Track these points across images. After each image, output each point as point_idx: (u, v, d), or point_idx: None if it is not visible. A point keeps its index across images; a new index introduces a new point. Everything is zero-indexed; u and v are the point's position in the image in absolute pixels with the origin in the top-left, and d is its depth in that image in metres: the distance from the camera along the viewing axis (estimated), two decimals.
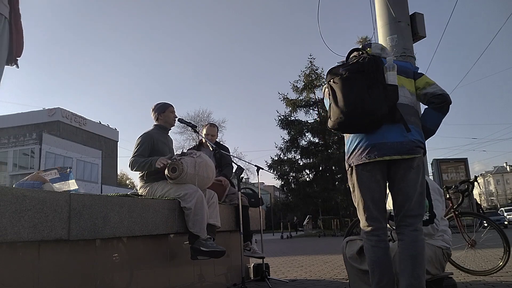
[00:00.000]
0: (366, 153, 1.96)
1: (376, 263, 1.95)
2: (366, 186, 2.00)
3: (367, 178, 2.00)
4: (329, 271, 4.72)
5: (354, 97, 1.93)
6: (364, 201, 2.02)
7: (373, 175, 1.99)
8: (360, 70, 1.97)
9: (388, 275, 1.93)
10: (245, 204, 3.79)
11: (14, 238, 1.64)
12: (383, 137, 1.96)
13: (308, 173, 27.62)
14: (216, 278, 3.55)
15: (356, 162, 2.01)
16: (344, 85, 1.96)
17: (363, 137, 2.00)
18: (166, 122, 3.34)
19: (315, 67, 27.55)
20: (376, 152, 1.95)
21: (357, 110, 1.92)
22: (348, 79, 1.97)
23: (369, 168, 1.99)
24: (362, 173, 2.00)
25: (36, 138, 29.96)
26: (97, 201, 2.11)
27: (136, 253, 2.56)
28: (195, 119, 33.52)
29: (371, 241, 2.00)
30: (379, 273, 1.93)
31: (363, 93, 1.92)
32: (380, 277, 1.92)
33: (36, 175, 2.60)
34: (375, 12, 4.35)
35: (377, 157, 1.95)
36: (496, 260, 3.85)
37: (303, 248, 10.50)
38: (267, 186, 50.00)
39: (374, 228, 2.00)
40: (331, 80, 2.03)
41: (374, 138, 1.97)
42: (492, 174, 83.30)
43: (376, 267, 1.95)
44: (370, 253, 1.99)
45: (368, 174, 1.99)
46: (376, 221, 2.01)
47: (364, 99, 1.91)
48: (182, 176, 2.87)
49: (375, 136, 1.97)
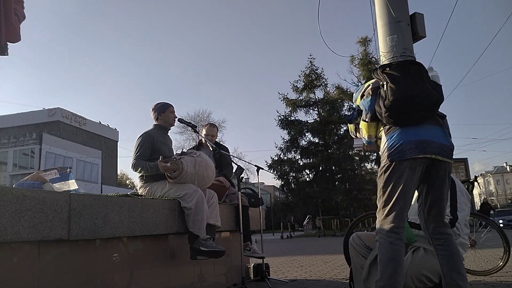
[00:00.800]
0: (415, 148, 1.95)
1: (391, 261, 1.91)
2: (404, 183, 1.96)
3: (407, 175, 1.96)
4: (329, 271, 4.72)
5: (412, 81, 1.98)
6: (397, 198, 1.97)
7: (414, 173, 1.97)
8: (414, 62, 2.09)
9: (401, 273, 1.91)
10: (245, 204, 3.79)
11: (14, 238, 1.64)
12: (431, 135, 1.98)
13: (308, 173, 27.65)
14: (216, 278, 3.55)
15: (400, 157, 1.97)
16: (403, 70, 2.03)
17: (410, 132, 1.99)
18: (166, 122, 3.33)
19: (315, 67, 27.59)
20: (425, 148, 1.94)
21: (415, 91, 1.96)
22: (406, 66, 2.06)
23: (412, 165, 1.96)
24: (404, 169, 1.96)
25: (36, 138, 29.96)
26: (97, 201, 2.11)
27: (136, 253, 2.56)
28: (195, 119, 33.56)
29: (390, 237, 1.96)
30: (392, 270, 1.90)
31: (420, 78, 2.01)
32: (392, 273, 1.89)
33: (36, 175, 2.60)
34: (375, 12, 4.35)
35: (426, 154, 1.94)
36: (496, 260, 3.85)
37: (303, 248, 10.50)
38: (267, 186, 50.01)
39: (397, 226, 1.97)
40: (387, 68, 2.07)
41: (422, 134, 1.98)
42: (492, 174, 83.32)
43: (390, 264, 1.91)
44: (386, 249, 1.95)
45: (409, 172, 1.96)
46: (401, 220, 1.98)
47: (422, 84, 1.99)
48: (182, 176, 2.87)
49: (423, 132, 1.98)
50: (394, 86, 1.98)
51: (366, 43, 25.71)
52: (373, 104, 2.09)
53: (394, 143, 2.01)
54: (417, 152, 1.94)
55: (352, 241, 2.53)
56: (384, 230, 1.99)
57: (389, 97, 1.98)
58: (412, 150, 1.95)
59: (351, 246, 2.53)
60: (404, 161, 1.96)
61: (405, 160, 1.96)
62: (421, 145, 1.95)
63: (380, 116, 2.06)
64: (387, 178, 2.00)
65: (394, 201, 1.97)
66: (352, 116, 2.50)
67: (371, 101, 2.10)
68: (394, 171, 1.98)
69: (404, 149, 1.96)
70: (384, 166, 2.03)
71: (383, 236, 1.99)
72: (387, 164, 2.02)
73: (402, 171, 1.96)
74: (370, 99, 2.11)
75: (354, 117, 2.48)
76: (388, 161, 2.01)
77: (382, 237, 2.00)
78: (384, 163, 2.04)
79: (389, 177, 2.00)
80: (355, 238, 2.52)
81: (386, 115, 2.00)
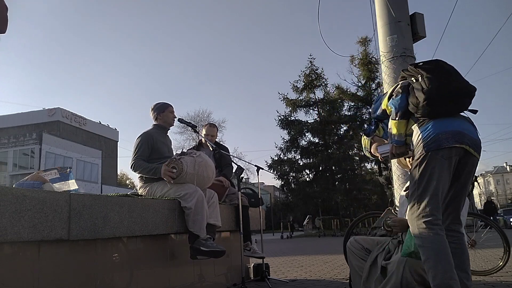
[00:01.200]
0: (452, 137, 1.93)
1: (441, 253, 1.85)
2: (441, 174, 1.94)
3: (444, 165, 1.94)
4: (329, 271, 4.73)
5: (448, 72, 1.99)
6: (435, 188, 1.93)
7: (450, 164, 1.95)
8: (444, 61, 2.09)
9: (452, 263, 1.86)
10: (245, 204, 3.79)
11: (14, 238, 1.64)
12: (464, 128, 1.99)
13: (308, 173, 27.67)
14: (216, 278, 3.55)
15: (437, 147, 1.94)
16: (437, 64, 2.04)
17: (445, 123, 1.98)
18: (165, 122, 3.33)
19: (315, 67, 27.62)
20: (461, 138, 1.94)
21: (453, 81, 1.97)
22: (439, 61, 2.06)
23: (449, 155, 1.94)
24: (441, 160, 1.94)
25: (36, 138, 29.97)
26: (97, 201, 2.11)
27: (136, 253, 2.56)
28: (195, 119, 33.54)
29: (434, 229, 1.89)
30: (446, 263, 1.83)
31: (455, 71, 2.03)
32: (447, 267, 1.82)
33: (36, 175, 2.60)
34: (375, 12, 4.35)
35: (462, 143, 1.93)
36: (496, 260, 3.85)
37: (303, 248, 10.50)
38: (267, 186, 50.01)
39: (438, 217, 1.92)
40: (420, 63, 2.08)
41: (457, 125, 1.98)
42: (492, 174, 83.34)
43: (441, 256, 1.84)
44: (433, 242, 1.87)
45: (446, 162, 1.94)
46: (439, 212, 1.94)
47: (458, 75, 2.01)
48: (181, 176, 2.87)
49: (457, 124, 1.98)
50: (432, 76, 1.98)
51: (366, 43, 25.74)
52: (404, 101, 2.07)
53: (430, 133, 1.97)
54: (454, 141, 1.92)
55: (350, 245, 2.53)
56: (427, 223, 1.90)
57: (427, 85, 1.96)
58: (448, 139, 1.92)
59: (349, 250, 2.52)
60: (440, 151, 1.93)
61: (441, 150, 1.93)
62: (457, 135, 1.94)
63: (415, 108, 2.01)
64: (424, 169, 1.96)
65: (433, 192, 1.92)
66: (370, 129, 2.48)
67: (401, 98, 2.08)
68: (430, 161, 1.94)
69: (441, 138, 1.93)
70: (420, 158, 1.98)
71: (425, 230, 1.90)
72: (422, 154, 1.97)
73: (439, 161, 1.93)
74: (401, 97, 2.09)
75: (372, 131, 2.47)
76: (424, 151, 1.96)
77: (425, 231, 1.90)
78: (419, 154, 1.99)
79: (426, 168, 1.95)
80: (353, 242, 2.52)
81: (425, 103, 1.96)
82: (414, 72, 2.08)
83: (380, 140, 2.49)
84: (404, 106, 2.07)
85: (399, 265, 2.14)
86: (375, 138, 2.50)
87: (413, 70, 2.09)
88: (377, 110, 2.34)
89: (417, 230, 1.93)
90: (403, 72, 2.19)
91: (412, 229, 1.98)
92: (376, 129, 2.47)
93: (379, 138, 2.49)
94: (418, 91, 2.00)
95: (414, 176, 2.00)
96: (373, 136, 2.50)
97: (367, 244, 2.47)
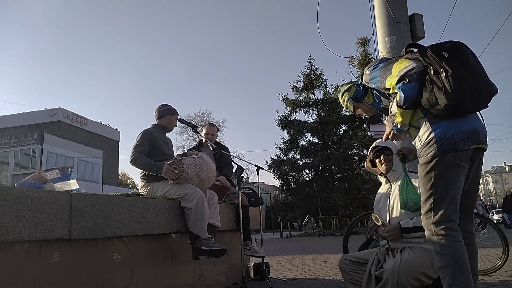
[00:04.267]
0: (468, 138, 1.81)
1: (461, 260, 1.76)
2: (457, 177, 1.83)
3: (460, 168, 1.83)
4: (328, 270, 4.74)
5: (474, 71, 1.79)
6: (453, 194, 1.82)
7: (465, 165, 1.84)
8: (465, 45, 1.86)
9: (470, 271, 1.77)
10: (245, 203, 3.81)
11: (16, 237, 1.65)
12: (478, 124, 1.87)
13: (308, 173, 27.66)
14: (216, 277, 3.56)
15: (453, 149, 1.81)
16: (461, 56, 1.80)
17: (461, 121, 1.83)
18: (169, 124, 3.41)
19: (314, 67, 27.58)
20: (476, 138, 1.83)
21: (480, 82, 1.80)
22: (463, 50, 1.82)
23: (465, 157, 1.83)
24: (458, 162, 1.82)
25: (38, 138, 29.98)
26: (98, 201, 2.12)
27: (137, 252, 2.57)
28: (196, 119, 33.54)
29: (454, 236, 1.79)
30: (465, 270, 1.74)
31: (480, 65, 1.84)
32: (466, 275, 1.74)
33: (37, 175, 2.62)
34: (375, 13, 4.37)
35: (478, 144, 1.83)
36: (495, 260, 3.86)
37: (303, 248, 10.51)
38: (267, 186, 49.99)
39: (456, 223, 1.82)
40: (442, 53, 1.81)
41: (472, 123, 1.84)
42: (491, 174, 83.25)
43: (461, 264, 1.75)
44: (453, 250, 1.77)
45: (462, 165, 1.83)
46: (457, 216, 1.84)
47: (483, 73, 1.83)
48: (182, 177, 2.89)
49: (472, 121, 1.85)
50: (457, 75, 1.75)
51: (365, 44, 25.68)
52: (416, 91, 1.86)
53: (444, 133, 1.83)
54: (470, 143, 1.81)
55: (341, 264, 2.52)
56: (446, 229, 1.80)
57: (451, 87, 1.75)
58: (465, 141, 1.81)
59: (342, 269, 2.51)
60: (456, 153, 1.81)
61: (457, 152, 1.81)
62: (473, 134, 1.82)
63: (429, 106, 1.84)
64: (440, 172, 1.83)
65: (451, 197, 1.82)
66: (358, 93, 2.29)
67: (414, 87, 1.86)
68: (447, 164, 1.82)
69: (456, 140, 1.81)
70: (434, 160, 1.84)
71: (445, 237, 1.80)
72: (437, 156, 1.83)
73: (455, 163, 1.81)
74: (414, 85, 1.86)
75: (361, 95, 2.29)
76: (439, 152, 1.82)
77: (444, 238, 1.80)
78: (432, 155, 1.84)
79: (442, 171, 1.82)
80: (343, 260, 2.51)
81: (445, 108, 1.78)
82: (435, 62, 1.82)
83: (367, 108, 2.33)
84: (415, 96, 1.87)
85: (394, 271, 2.13)
86: (362, 105, 2.34)
87: (435, 59, 1.82)
88: (376, 82, 2.09)
89: (435, 237, 1.82)
90: (418, 55, 1.89)
91: (428, 234, 1.87)
92: (365, 95, 2.27)
93: (367, 105, 2.32)
94: (438, 91, 1.79)
95: (429, 179, 1.86)
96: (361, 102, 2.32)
97: (355, 258, 2.48)
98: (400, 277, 2.10)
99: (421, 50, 1.89)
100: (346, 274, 2.48)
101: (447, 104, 1.77)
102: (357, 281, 2.41)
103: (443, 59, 1.80)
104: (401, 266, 2.13)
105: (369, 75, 2.13)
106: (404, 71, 1.89)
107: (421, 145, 1.91)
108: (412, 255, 2.20)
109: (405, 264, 2.14)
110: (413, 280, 2.12)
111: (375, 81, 2.09)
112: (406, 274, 2.11)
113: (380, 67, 2.07)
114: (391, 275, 2.12)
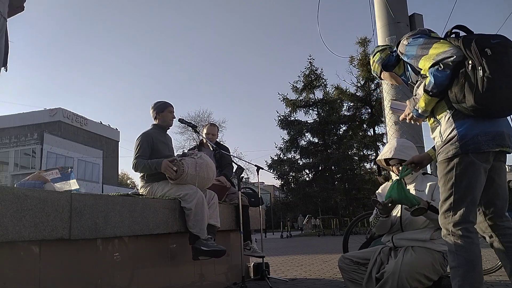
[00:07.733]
0: (492, 140, 1.74)
1: (474, 262, 1.73)
2: (478, 177, 1.78)
3: (482, 170, 1.78)
4: (328, 270, 4.74)
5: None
6: (473, 194, 1.78)
7: (486, 166, 1.79)
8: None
9: (482, 274, 1.75)
10: (245, 203, 3.81)
11: (16, 237, 1.65)
12: (505, 125, 1.81)
13: (308, 173, 27.71)
14: (216, 277, 3.56)
15: (476, 150, 1.74)
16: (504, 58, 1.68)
17: (488, 122, 1.76)
18: (164, 121, 3.30)
19: (314, 67, 27.69)
20: (501, 141, 1.76)
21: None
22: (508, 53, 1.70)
23: (488, 158, 1.78)
24: (480, 163, 1.76)
25: (38, 138, 29.99)
26: (98, 201, 2.12)
27: (137, 252, 2.57)
28: (196, 119, 33.57)
29: (471, 237, 1.75)
30: (476, 272, 1.72)
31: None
32: (477, 277, 1.72)
33: (37, 175, 2.62)
34: (374, 13, 4.37)
35: (503, 147, 1.76)
36: (494, 260, 3.86)
37: (303, 247, 10.52)
38: (267, 186, 50.04)
39: (473, 225, 1.79)
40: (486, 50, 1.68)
41: (499, 125, 1.78)
42: None
43: (473, 266, 1.73)
44: (468, 251, 1.74)
45: (483, 166, 1.78)
46: (475, 217, 1.81)
47: None
48: (182, 177, 2.89)
49: (499, 123, 1.78)
50: (494, 81, 1.63)
51: (365, 44, 25.73)
52: (447, 81, 1.76)
53: (468, 132, 1.75)
54: (494, 145, 1.74)
55: (341, 263, 2.51)
56: (463, 230, 1.76)
57: (482, 88, 1.65)
58: (489, 142, 1.74)
59: (342, 269, 2.50)
60: (479, 154, 1.75)
61: (480, 153, 1.75)
62: (498, 137, 1.75)
63: (455, 100, 1.75)
64: (461, 172, 1.77)
65: (472, 198, 1.77)
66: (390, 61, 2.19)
67: (446, 76, 1.75)
68: (468, 164, 1.76)
69: (480, 141, 1.73)
70: (455, 158, 1.77)
71: (462, 238, 1.76)
72: (458, 155, 1.77)
73: (477, 164, 1.76)
74: (447, 74, 1.75)
75: (392, 64, 2.19)
76: (461, 151, 1.75)
77: (461, 239, 1.76)
78: (453, 154, 1.77)
79: (463, 171, 1.76)
80: (342, 259, 2.50)
81: (471, 109, 1.70)
82: (476, 57, 1.69)
83: (395, 77, 2.24)
84: (445, 86, 1.78)
85: (394, 271, 2.12)
86: (391, 74, 2.25)
87: (476, 54, 1.69)
88: (410, 57, 1.96)
89: (451, 236, 1.79)
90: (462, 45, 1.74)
91: (444, 233, 1.83)
92: (397, 64, 2.17)
93: (395, 75, 2.23)
94: (469, 88, 1.69)
95: (449, 178, 1.80)
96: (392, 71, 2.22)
97: (356, 258, 2.47)
98: (400, 278, 2.10)
99: (466, 41, 1.75)
100: (346, 273, 2.48)
101: (473, 106, 1.68)
102: (357, 280, 2.41)
103: (485, 57, 1.66)
104: (402, 267, 2.13)
105: (406, 46, 1.99)
106: (441, 56, 1.76)
107: (441, 142, 1.83)
108: (415, 256, 2.19)
109: (406, 266, 2.14)
110: (413, 282, 2.12)
111: (409, 55, 1.97)
112: (406, 275, 2.11)
113: (419, 43, 1.93)
114: (391, 275, 2.12)
